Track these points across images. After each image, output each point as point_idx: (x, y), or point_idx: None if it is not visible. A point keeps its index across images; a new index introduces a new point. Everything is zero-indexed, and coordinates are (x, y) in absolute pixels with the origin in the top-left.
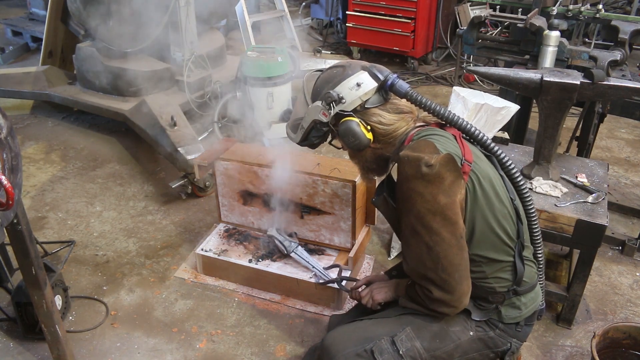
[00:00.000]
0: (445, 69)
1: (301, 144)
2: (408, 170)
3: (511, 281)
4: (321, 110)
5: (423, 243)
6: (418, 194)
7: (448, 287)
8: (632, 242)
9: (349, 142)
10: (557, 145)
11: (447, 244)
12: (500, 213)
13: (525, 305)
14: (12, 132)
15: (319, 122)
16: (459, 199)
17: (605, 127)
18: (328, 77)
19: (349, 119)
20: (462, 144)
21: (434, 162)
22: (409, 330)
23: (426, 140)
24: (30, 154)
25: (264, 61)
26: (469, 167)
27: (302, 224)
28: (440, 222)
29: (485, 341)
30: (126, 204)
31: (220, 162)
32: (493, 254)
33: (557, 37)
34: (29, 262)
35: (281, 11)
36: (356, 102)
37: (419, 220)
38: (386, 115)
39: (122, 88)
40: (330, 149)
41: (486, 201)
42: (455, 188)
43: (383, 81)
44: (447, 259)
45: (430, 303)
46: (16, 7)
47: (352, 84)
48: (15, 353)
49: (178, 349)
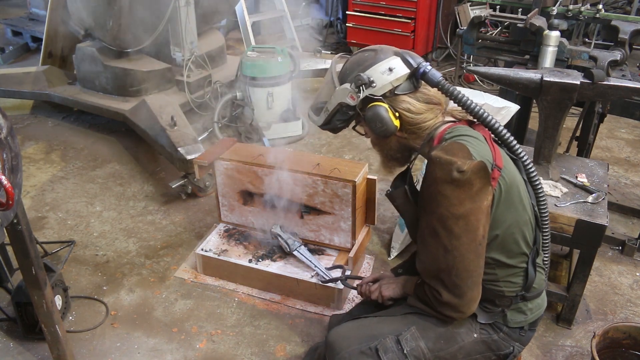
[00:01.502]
0: (445, 69)
1: (323, 127)
2: (438, 173)
3: (521, 286)
4: (349, 93)
5: (441, 245)
6: (444, 197)
7: (458, 291)
8: (632, 242)
9: (376, 128)
10: (557, 145)
11: (466, 249)
12: (522, 220)
13: (531, 311)
14: (12, 132)
15: (346, 105)
16: (485, 205)
17: (605, 127)
18: (359, 59)
19: (377, 103)
20: (493, 146)
21: (467, 169)
22: (414, 330)
23: (460, 142)
24: (30, 154)
25: (264, 61)
26: (498, 173)
27: (302, 224)
28: (463, 227)
29: (489, 344)
30: (126, 204)
31: (220, 162)
32: (508, 259)
33: (557, 37)
34: (29, 262)
35: (281, 11)
36: (387, 87)
37: (441, 223)
38: (415, 104)
39: (122, 88)
40: (330, 149)
41: (512, 207)
42: (483, 195)
43: (415, 68)
44: (462, 264)
45: (438, 305)
46: (16, 7)
47: (384, 68)
48: (15, 353)
49: (178, 349)
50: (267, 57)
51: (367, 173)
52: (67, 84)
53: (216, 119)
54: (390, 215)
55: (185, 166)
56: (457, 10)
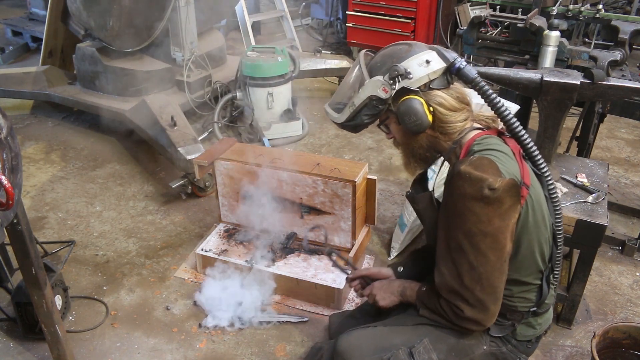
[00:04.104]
0: None
1: (344, 125)
2: (467, 189)
3: (534, 302)
4: (382, 85)
5: (466, 261)
6: (473, 214)
7: (482, 306)
8: (632, 242)
9: (409, 122)
10: (557, 145)
11: (492, 266)
12: (543, 237)
13: (540, 326)
14: (12, 132)
15: (376, 98)
16: (513, 223)
17: (605, 127)
18: (392, 52)
19: (412, 96)
20: (521, 163)
21: (498, 187)
22: (427, 342)
23: (488, 158)
24: (30, 154)
25: (264, 61)
26: (526, 191)
27: (302, 224)
28: (490, 244)
29: (497, 356)
30: (126, 204)
31: (220, 162)
32: (524, 277)
33: (557, 37)
34: (29, 262)
35: (281, 11)
36: (423, 79)
37: (468, 239)
38: (449, 99)
39: (122, 88)
40: (330, 149)
41: (535, 225)
42: (512, 213)
43: (451, 63)
44: (488, 281)
45: (459, 321)
46: (16, 7)
47: (421, 60)
48: (15, 353)
49: (178, 349)
50: (267, 57)
51: (367, 173)
52: (67, 84)
53: (216, 119)
54: (390, 215)
55: (185, 166)
56: (457, 10)
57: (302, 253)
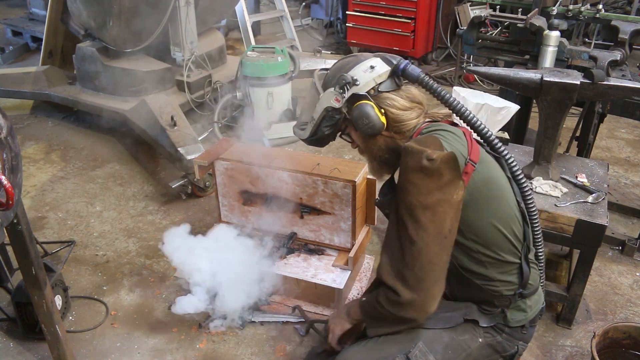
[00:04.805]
0: (445, 69)
1: (310, 140)
2: (409, 162)
3: (517, 284)
4: (334, 96)
5: (407, 237)
6: (413, 185)
7: (420, 287)
8: (632, 242)
9: (363, 126)
10: (557, 145)
11: (431, 240)
12: (507, 215)
13: (530, 308)
14: (12, 132)
15: (331, 108)
16: (455, 199)
17: (605, 127)
18: (340, 65)
19: (363, 102)
20: (471, 142)
21: (436, 157)
22: (422, 345)
23: (433, 136)
24: (30, 154)
25: (264, 61)
26: (472, 168)
27: (302, 224)
28: (429, 217)
29: (494, 346)
30: (126, 204)
31: (220, 162)
32: (500, 254)
33: (557, 37)
34: (29, 262)
35: (281, 11)
36: (370, 84)
37: (409, 212)
38: (399, 100)
39: (122, 88)
40: (330, 149)
41: (491, 203)
42: (452, 187)
43: (395, 65)
44: (427, 257)
45: (396, 309)
46: (16, 7)
47: (365, 66)
48: (15, 353)
49: (178, 349)
50: (267, 57)
51: (367, 173)
52: (67, 84)
53: (216, 119)
54: None
55: (185, 166)
56: (457, 10)
57: (302, 253)
